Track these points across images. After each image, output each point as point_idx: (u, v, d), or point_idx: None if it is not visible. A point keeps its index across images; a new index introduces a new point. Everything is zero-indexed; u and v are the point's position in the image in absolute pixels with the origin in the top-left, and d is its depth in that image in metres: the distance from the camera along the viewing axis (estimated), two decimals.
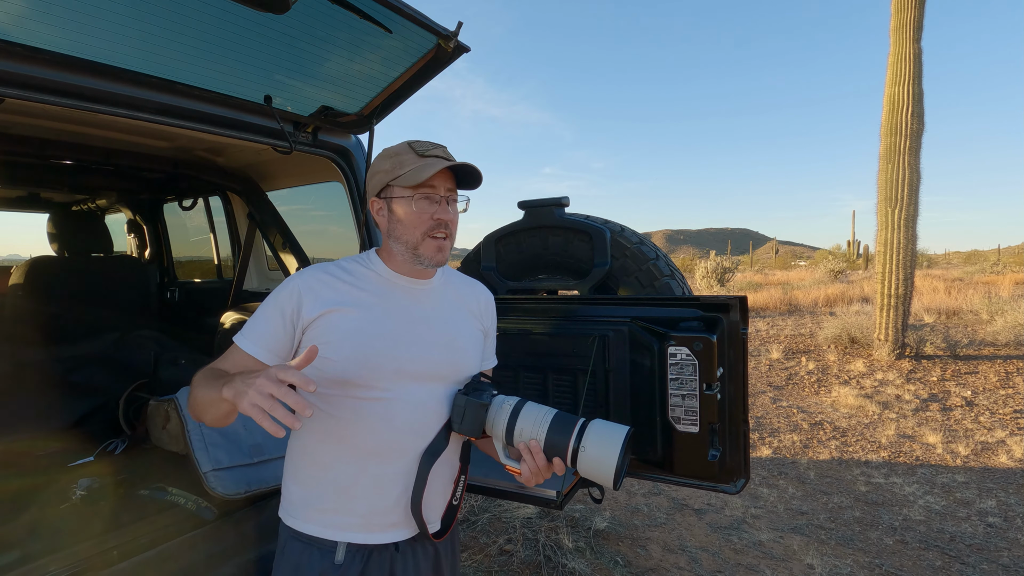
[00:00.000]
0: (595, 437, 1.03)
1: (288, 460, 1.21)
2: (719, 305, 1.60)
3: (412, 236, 1.14)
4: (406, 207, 1.13)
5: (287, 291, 1.12)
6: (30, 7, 1.38)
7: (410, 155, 1.13)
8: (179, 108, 1.78)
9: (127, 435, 2.54)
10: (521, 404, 1.10)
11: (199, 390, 1.05)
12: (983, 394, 5.50)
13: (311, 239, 2.88)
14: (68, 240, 3.39)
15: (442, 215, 1.14)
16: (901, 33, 6.56)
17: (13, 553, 1.56)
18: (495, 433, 1.10)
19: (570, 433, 1.04)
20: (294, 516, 1.15)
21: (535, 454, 1.06)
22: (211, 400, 1.01)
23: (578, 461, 1.03)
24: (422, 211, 1.13)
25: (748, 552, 2.91)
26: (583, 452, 1.02)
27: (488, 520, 3.18)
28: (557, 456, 1.05)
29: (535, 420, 1.07)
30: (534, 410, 1.09)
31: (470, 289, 1.32)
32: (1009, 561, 2.80)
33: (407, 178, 1.12)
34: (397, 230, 1.15)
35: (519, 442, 1.08)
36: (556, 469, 1.07)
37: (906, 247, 6.53)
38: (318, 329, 1.09)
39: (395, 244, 1.16)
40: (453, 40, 1.83)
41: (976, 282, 13.01)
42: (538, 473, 1.07)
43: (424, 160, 1.12)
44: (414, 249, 1.14)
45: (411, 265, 1.17)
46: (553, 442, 1.05)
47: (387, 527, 1.13)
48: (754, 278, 18.24)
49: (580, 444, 1.03)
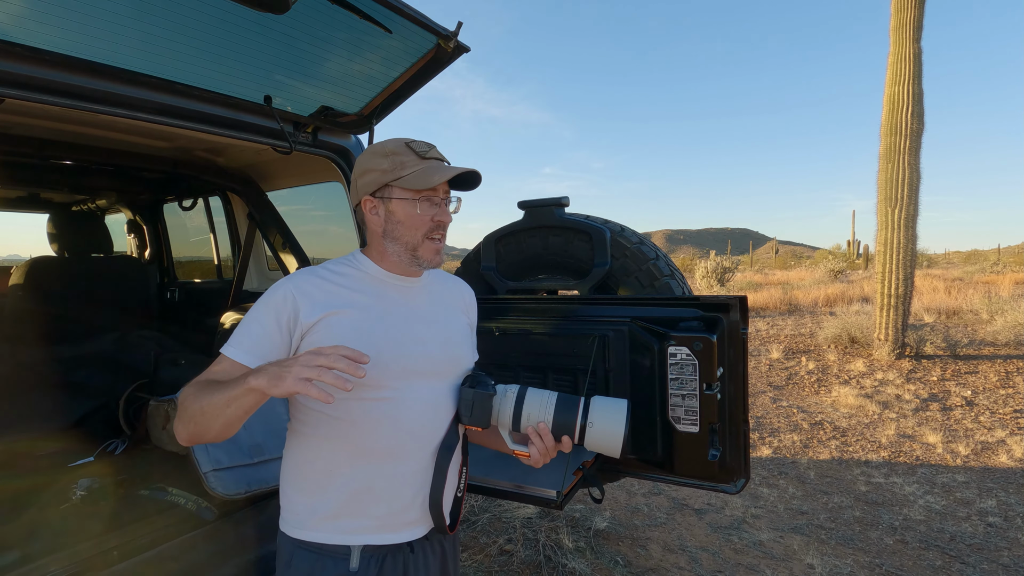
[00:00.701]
0: (600, 412, 1.10)
1: (288, 470, 1.17)
2: (719, 305, 1.60)
3: (413, 238, 1.14)
4: (408, 209, 1.12)
5: (280, 296, 1.08)
6: (30, 7, 1.38)
7: (410, 156, 1.12)
8: (179, 108, 1.78)
9: (127, 435, 2.55)
10: (524, 390, 1.16)
11: (200, 400, 0.96)
12: (983, 394, 5.50)
13: (311, 239, 2.88)
14: (68, 240, 3.39)
15: (443, 217, 1.14)
16: (901, 33, 6.56)
17: (13, 553, 1.57)
18: (501, 421, 1.14)
19: (576, 412, 1.11)
20: (300, 527, 1.12)
21: (544, 436, 1.11)
22: (224, 402, 0.93)
23: (586, 436, 1.10)
24: (424, 213, 1.13)
25: (748, 552, 2.91)
26: (591, 427, 1.10)
27: (488, 520, 3.18)
28: (565, 435, 1.11)
29: (540, 404, 1.13)
30: (537, 395, 1.14)
31: (454, 285, 1.34)
32: (1009, 561, 2.80)
33: (412, 181, 1.11)
34: (396, 231, 1.14)
35: (527, 427, 1.12)
36: (564, 447, 1.12)
37: (906, 247, 6.52)
38: (319, 333, 1.07)
39: (392, 244, 1.16)
40: (453, 40, 1.83)
41: (976, 282, 13.01)
42: (547, 453, 1.12)
43: (426, 163, 1.12)
44: (413, 251, 1.14)
45: (407, 266, 1.17)
46: (561, 422, 1.11)
47: (402, 527, 1.13)
48: (754, 278, 18.24)
49: (588, 420, 1.10)
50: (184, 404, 1.00)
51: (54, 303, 3.03)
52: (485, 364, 1.44)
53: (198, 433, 0.99)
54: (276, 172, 2.92)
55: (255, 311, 1.09)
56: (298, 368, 0.86)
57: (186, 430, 1.00)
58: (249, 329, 1.07)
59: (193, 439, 1.01)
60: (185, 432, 1.00)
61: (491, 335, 1.92)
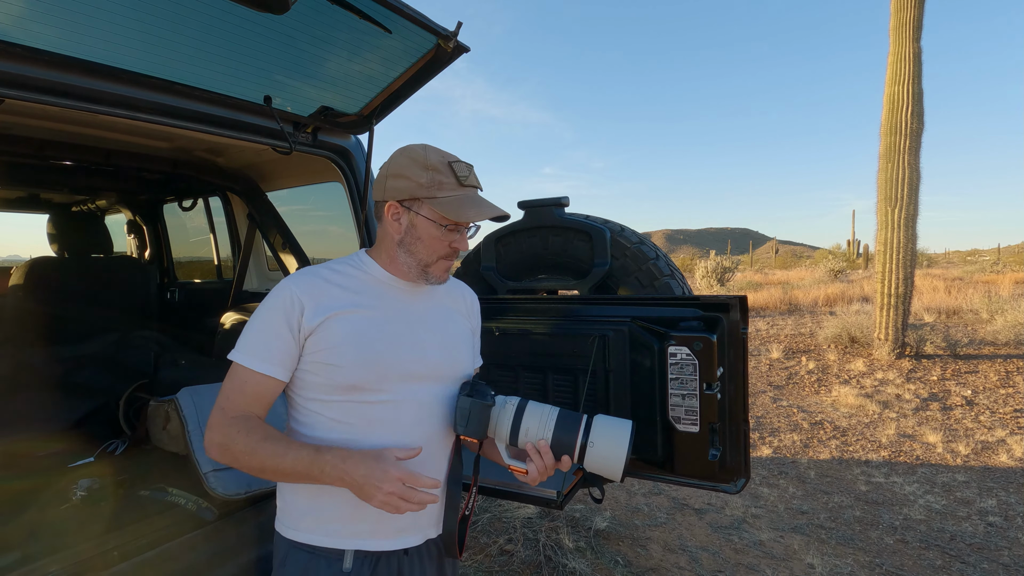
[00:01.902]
0: (602, 432, 1.04)
1: None
2: (719, 305, 1.60)
3: (428, 257, 1.14)
4: (433, 231, 1.11)
5: (286, 299, 1.07)
6: (30, 7, 1.38)
7: (450, 179, 1.10)
8: (179, 109, 1.78)
9: (127, 436, 2.54)
10: (524, 404, 1.10)
11: (257, 452, 1.01)
12: (983, 393, 5.50)
13: (311, 239, 2.88)
14: (68, 241, 3.39)
15: (461, 245, 1.14)
16: (901, 32, 6.56)
17: (14, 554, 1.56)
18: (498, 434, 1.10)
19: (577, 430, 1.05)
20: (295, 528, 1.13)
21: (544, 454, 1.06)
22: (288, 472, 1.01)
23: (586, 457, 1.04)
24: (445, 237, 1.12)
25: (748, 552, 2.91)
26: (591, 448, 1.04)
27: (488, 520, 3.18)
28: (565, 454, 1.06)
29: (540, 419, 1.07)
30: (537, 409, 1.09)
31: (457, 290, 1.33)
32: (1010, 560, 2.80)
33: (446, 207, 1.09)
34: (414, 246, 1.13)
35: (525, 442, 1.07)
36: (562, 466, 1.08)
37: (906, 246, 6.52)
38: (320, 335, 1.07)
39: (405, 255, 1.14)
40: (453, 40, 1.83)
41: (976, 281, 13.01)
42: (545, 472, 1.07)
43: (463, 191, 1.11)
44: (425, 267, 1.14)
45: (415, 278, 1.16)
46: (561, 440, 1.05)
47: (396, 533, 1.13)
48: (754, 277, 18.24)
49: (588, 440, 1.04)
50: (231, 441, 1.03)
51: (54, 304, 3.03)
52: (485, 364, 1.44)
53: (238, 467, 1.04)
54: (276, 172, 2.92)
55: (263, 317, 1.08)
56: (383, 496, 0.97)
57: (224, 456, 1.04)
58: (262, 337, 1.07)
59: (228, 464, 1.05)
60: (222, 458, 1.04)
61: (491, 335, 1.92)
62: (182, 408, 2.01)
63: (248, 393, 1.06)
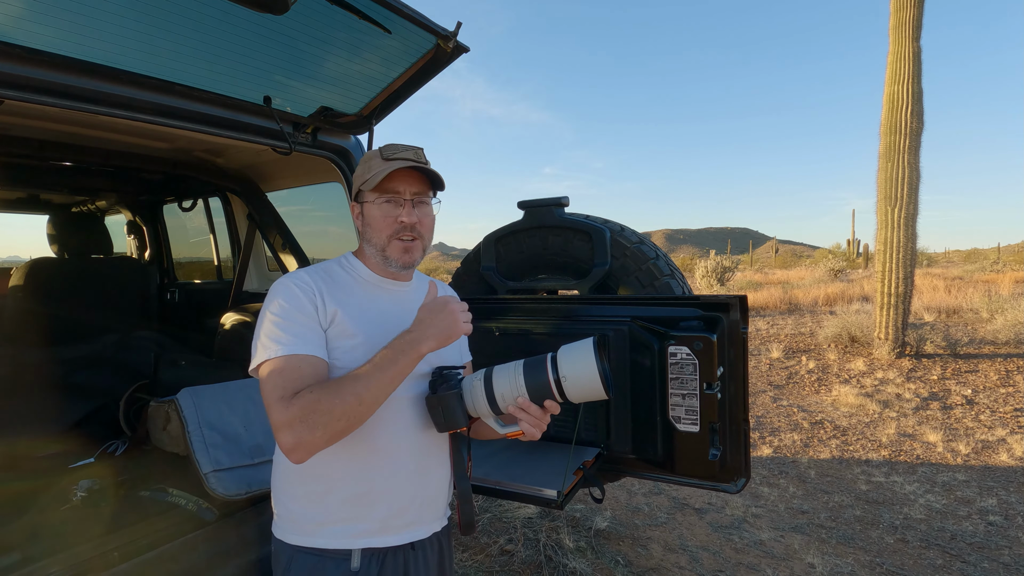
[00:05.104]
0: (569, 362, 1.04)
1: (282, 480, 1.16)
2: (719, 304, 1.60)
3: (379, 238, 1.17)
4: (374, 211, 1.17)
5: (302, 285, 1.09)
6: (30, 8, 1.38)
7: (377, 159, 1.16)
8: (178, 109, 1.78)
9: (127, 436, 2.54)
10: (490, 372, 1.10)
11: (344, 394, 0.95)
12: (983, 392, 5.50)
13: (311, 240, 2.88)
14: (68, 241, 3.39)
15: (405, 217, 1.15)
16: (900, 32, 6.55)
17: (14, 555, 1.56)
18: (481, 412, 1.10)
19: (545, 373, 1.05)
20: (298, 532, 1.13)
21: (528, 408, 1.06)
22: (390, 378, 1.00)
23: (565, 391, 1.04)
24: (386, 214, 1.15)
25: (749, 551, 2.91)
26: (566, 381, 1.03)
27: (489, 520, 3.18)
28: (547, 399, 1.06)
29: (509, 379, 1.07)
30: (503, 371, 1.09)
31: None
32: (1010, 559, 2.80)
33: (371, 182, 1.15)
34: (368, 233, 1.19)
35: (507, 406, 1.07)
36: (552, 410, 1.08)
37: (906, 246, 6.52)
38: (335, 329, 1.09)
39: (367, 247, 1.20)
40: (452, 40, 1.83)
41: (976, 280, 13.01)
42: (538, 424, 1.08)
43: (388, 164, 1.15)
44: (382, 251, 1.17)
45: (383, 267, 1.20)
46: (536, 388, 1.05)
47: (403, 527, 1.15)
48: (754, 277, 18.23)
49: (560, 374, 1.04)
50: (310, 405, 0.94)
51: (54, 304, 3.03)
52: (485, 365, 1.44)
53: (347, 428, 0.97)
54: (276, 173, 2.92)
55: (285, 309, 1.06)
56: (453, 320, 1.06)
57: (327, 432, 0.95)
58: (292, 324, 1.04)
59: (334, 438, 0.97)
60: (326, 434, 0.95)
61: (491, 335, 1.92)
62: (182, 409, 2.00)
63: (306, 374, 1.00)
